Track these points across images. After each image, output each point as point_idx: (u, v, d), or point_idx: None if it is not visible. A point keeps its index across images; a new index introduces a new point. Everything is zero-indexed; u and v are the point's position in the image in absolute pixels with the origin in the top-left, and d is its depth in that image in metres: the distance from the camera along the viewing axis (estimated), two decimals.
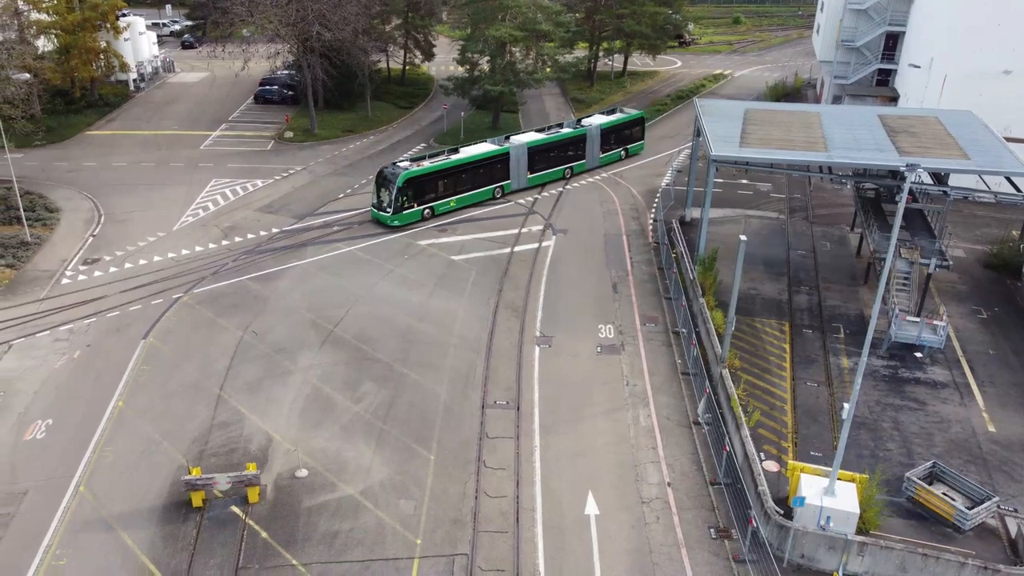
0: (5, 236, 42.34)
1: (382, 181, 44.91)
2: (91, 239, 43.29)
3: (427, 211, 45.91)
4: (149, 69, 77.03)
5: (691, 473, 26.57)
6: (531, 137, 50.89)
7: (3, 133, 43.25)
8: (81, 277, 39.10)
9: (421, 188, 45.13)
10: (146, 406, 29.44)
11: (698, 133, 42.70)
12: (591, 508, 24.98)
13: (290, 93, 69.77)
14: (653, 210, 47.99)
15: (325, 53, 59.76)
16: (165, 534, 23.79)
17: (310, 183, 51.98)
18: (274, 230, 44.64)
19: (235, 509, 24.63)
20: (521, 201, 49.23)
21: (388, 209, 44.53)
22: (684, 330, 34.30)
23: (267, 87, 70.73)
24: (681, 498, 25.46)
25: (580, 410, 29.68)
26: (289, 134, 61.49)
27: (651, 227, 45.83)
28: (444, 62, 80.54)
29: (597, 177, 53.52)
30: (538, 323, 35.57)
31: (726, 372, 29.66)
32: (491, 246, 43.08)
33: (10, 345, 33.14)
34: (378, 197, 45.24)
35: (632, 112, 57.14)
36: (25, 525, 24.03)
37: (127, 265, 40.37)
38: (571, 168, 52.68)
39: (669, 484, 26.02)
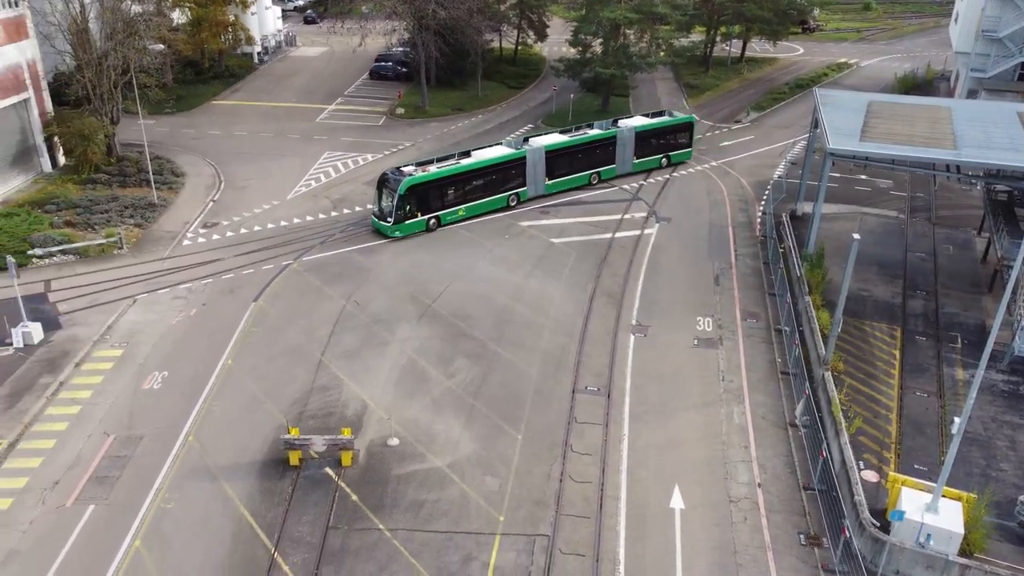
0: (136, 197, 45.20)
1: (383, 187, 41.29)
2: (211, 204, 45.66)
3: (432, 221, 42.13)
4: (272, 43, 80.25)
5: (783, 476, 25.77)
6: (551, 140, 46.97)
7: (139, 100, 46.10)
8: (200, 239, 41.34)
9: (426, 196, 41.44)
10: (252, 365, 30.93)
11: (816, 124, 40.94)
12: (676, 502, 24.63)
13: (404, 70, 71.25)
14: (763, 202, 46.47)
15: (439, 31, 60.62)
16: (263, 488, 25.00)
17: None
18: None
19: (329, 471, 25.61)
20: (626, 187, 48.62)
21: (389, 219, 40.83)
22: (787, 328, 33.15)
23: (382, 63, 72.50)
24: (771, 500, 24.76)
25: (672, 402, 29.24)
26: (400, 110, 62.76)
27: (759, 220, 44.39)
28: (556, 43, 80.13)
29: (706, 166, 52.21)
30: (635, 311, 35.16)
31: (828, 375, 28.55)
32: (592, 231, 42.79)
33: (135, 300, 35.45)
34: (379, 205, 41.68)
35: (680, 116, 51.72)
36: (139, 468, 25.74)
37: (242, 230, 42.38)
38: (598, 174, 48.41)
39: (759, 485, 25.33)
